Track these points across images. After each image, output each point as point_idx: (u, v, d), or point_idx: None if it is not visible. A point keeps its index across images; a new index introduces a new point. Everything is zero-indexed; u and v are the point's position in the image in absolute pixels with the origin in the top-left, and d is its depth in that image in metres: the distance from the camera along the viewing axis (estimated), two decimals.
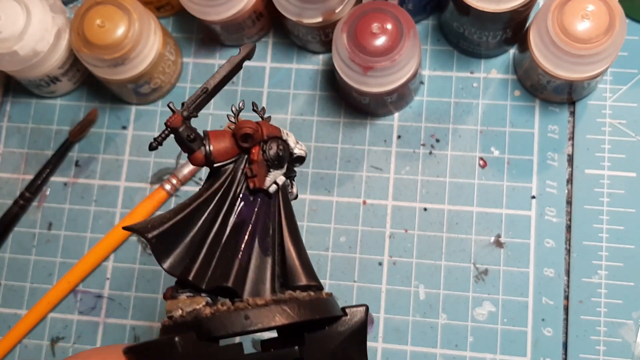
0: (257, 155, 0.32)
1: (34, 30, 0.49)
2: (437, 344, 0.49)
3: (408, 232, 0.51)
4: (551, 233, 0.50)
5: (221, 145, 0.32)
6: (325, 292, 0.32)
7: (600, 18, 0.44)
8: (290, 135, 0.33)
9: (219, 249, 0.31)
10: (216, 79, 0.32)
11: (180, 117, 0.31)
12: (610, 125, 0.51)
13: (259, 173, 0.32)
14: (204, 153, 0.31)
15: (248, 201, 0.32)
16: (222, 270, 0.31)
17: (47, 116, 0.57)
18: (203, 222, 0.31)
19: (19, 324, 0.52)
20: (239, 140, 0.32)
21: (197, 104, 0.32)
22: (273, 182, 0.32)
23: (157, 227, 0.30)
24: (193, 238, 0.31)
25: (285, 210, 0.33)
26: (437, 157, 0.52)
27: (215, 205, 0.31)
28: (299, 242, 0.33)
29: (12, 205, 0.54)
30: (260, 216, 0.32)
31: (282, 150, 0.32)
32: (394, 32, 0.45)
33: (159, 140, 0.31)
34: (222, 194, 0.32)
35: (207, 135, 0.32)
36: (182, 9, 0.52)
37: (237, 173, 0.32)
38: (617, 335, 0.48)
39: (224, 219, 0.31)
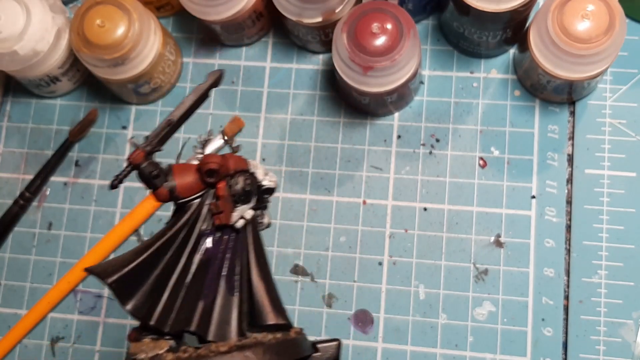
0: (222, 191, 0.31)
1: (34, 30, 0.49)
2: (437, 344, 0.49)
3: (408, 232, 0.51)
4: (551, 233, 0.50)
5: (186, 181, 0.31)
6: (294, 330, 0.31)
7: (600, 18, 0.44)
8: (258, 167, 0.32)
9: (182, 290, 0.30)
10: (181, 110, 0.31)
11: (143, 153, 0.30)
12: (610, 125, 0.51)
13: (225, 209, 0.30)
14: (167, 189, 0.30)
15: (214, 238, 0.31)
16: (185, 313, 0.30)
17: (47, 116, 0.57)
18: (167, 262, 0.30)
19: (19, 324, 0.52)
20: (204, 175, 0.31)
21: (161, 137, 0.31)
22: (240, 217, 0.31)
23: (118, 270, 0.29)
24: (156, 279, 0.30)
25: (255, 244, 0.32)
26: (437, 157, 0.52)
27: (180, 243, 0.30)
28: (267, 277, 0.32)
29: (12, 205, 0.54)
30: (227, 253, 0.31)
31: (249, 184, 0.31)
32: (394, 32, 0.46)
33: (120, 179, 0.30)
34: (187, 232, 0.30)
35: (171, 170, 0.31)
36: (182, 8, 0.52)
37: (202, 208, 0.31)
38: (617, 335, 0.48)
39: (189, 257, 0.30)
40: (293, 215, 0.52)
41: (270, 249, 0.52)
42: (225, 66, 0.56)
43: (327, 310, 0.51)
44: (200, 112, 0.55)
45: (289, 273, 0.52)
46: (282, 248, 0.52)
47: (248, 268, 0.31)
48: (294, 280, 0.52)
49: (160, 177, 0.30)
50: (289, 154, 0.54)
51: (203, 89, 0.32)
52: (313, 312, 0.51)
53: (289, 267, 0.52)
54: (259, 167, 0.32)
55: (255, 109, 0.55)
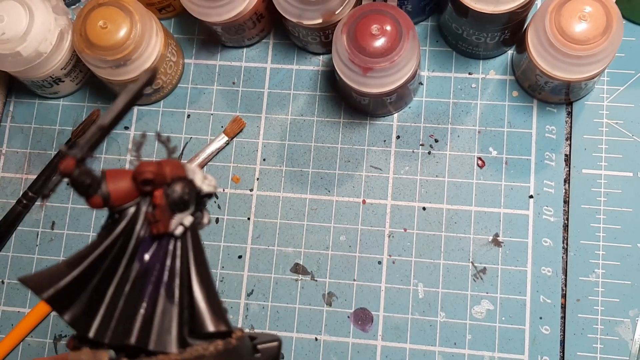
0: (159, 200, 0.29)
1: (36, 32, 0.50)
2: (436, 342, 0.50)
3: (407, 232, 0.52)
4: (549, 232, 0.50)
5: (120, 188, 0.29)
6: (235, 335, 0.30)
7: (597, 19, 0.45)
8: (196, 172, 0.30)
9: (121, 299, 0.29)
10: (113, 112, 0.29)
11: (73, 161, 0.28)
12: (608, 125, 0.52)
13: (163, 218, 0.29)
14: (101, 197, 0.29)
15: (152, 245, 0.29)
16: (124, 324, 0.29)
17: (50, 116, 0.57)
18: (104, 271, 0.29)
19: (22, 323, 0.53)
20: (139, 184, 0.29)
21: (92, 143, 0.29)
22: (179, 223, 0.30)
23: (53, 283, 0.28)
24: (94, 289, 0.29)
25: (194, 250, 0.30)
26: (436, 157, 0.53)
27: (117, 251, 0.29)
28: (208, 282, 0.31)
29: (16, 205, 0.55)
30: (166, 260, 0.30)
31: (187, 193, 0.29)
32: (393, 33, 0.46)
33: (51, 188, 0.29)
34: (124, 239, 0.29)
35: (104, 176, 0.29)
36: (183, 10, 0.53)
37: (139, 215, 0.29)
38: (614, 334, 0.48)
39: (127, 266, 0.29)
40: (293, 215, 0.53)
41: (270, 248, 0.53)
42: (226, 67, 0.56)
43: (327, 308, 0.51)
44: (201, 113, 0.56)
45: (289, 272, 0.52)
46: (283, 247, 0.52)
47: (188, 274, 0.30)
48: (294, 279, 0.52)
49: (93, 186, 0.28)
50: (289, 154, 0.54)
51: (135, 89, 0.30)
52: (313, 310, 0.51)
53: (289, 266, 0.52)
54: (197, 171, 0.30)
55: (256, 110, 0.55)
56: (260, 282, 0.52)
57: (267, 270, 0.52)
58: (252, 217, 0.53)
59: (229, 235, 0.53)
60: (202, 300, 0.30)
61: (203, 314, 0.30)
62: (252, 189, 0.54)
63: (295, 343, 0.51)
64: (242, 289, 0.52)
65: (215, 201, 0.54)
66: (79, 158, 0.28)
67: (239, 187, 0.54)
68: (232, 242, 0.53)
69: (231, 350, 0.30)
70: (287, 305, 0.52)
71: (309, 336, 0.51)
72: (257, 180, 0.54)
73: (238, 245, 0.53)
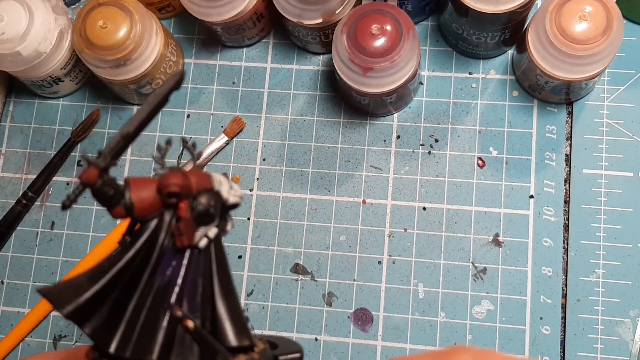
0: (185, 212, 0.28)
1: (36, 32, 0.50)
2: (436, 342, 0.50)
3: (407, 231, 0.52)
4: (549, 232, 0.50)
5: (144, 199, 0.27)
6: (257, 350, 0.30)
7: (597, 19, 0.45)
8: (223, 183, 0.29)
9: (142, 314, 0.28)
10: (138, 119, 0.28)
11: (97, 171, 0.26)
12: (608, 125, 0.52)
13: (187, 231, 0.28)
14: (124, 208, 0.27)
15: (175, 258, 0.29)
16: (145, 340, 0.28)
17: (50, 116, 0.57)
18: (125, 285, 0.28)
19: (22, 323, 0.53)
20: (164, 197, 0.28)
21: (116, 151, 0.28)
22: (203, 236, 0.29)
23: (74, 298, 0.27)
24: (115, 303, 0.28)
25: (217, 261, 0.30)
26: (436, 157, 0.53)
27: (139, 264, 0.28)
28: (230, 294, 0.30)
29: (15, 205, 0.55)
30: (189, 273, 0.29)
31: (213, 206, 0.28)
32: (394, 33, 0.46)
33: (72, 199, 0.27)
34: (146, 252, 0.28)
35: (128, 186, 0.28)
36: (183, 10, 0.53)
37: (162, 226, 0.28)
38: (614, 334, 0.48)
39: (149, 279, 0.28)
40: (293, 215, 0.53)
41: (270, 248, 0.53)
42: (226, 67, 0.56)
43: (327, 308, 0.51)
44: (201, 113, 0.55)
45: (289, 272, 0.52)
46: (283, 247, 0.52)
47: (211, 286, 0.29)
48: (294, 279, 0.52)
49: (116, 196, 0.27)
50: (289, 154, 0.54)
51: (162, 93, 0.29)
52: (313, 310, 0.51)
53: (289, 266, 0.52)
54: (223, 182, 0.29)
55: (256, 109, 0.55)
56: (260, 282, 0.52)
57: (267, 271, 0.52)
58: (252, 217, 0.53)
59: (229, 235, 0.53)
60: (224, 314, 0.29)
61: (225, 327, 0.29)
62: (252, 188, 0.54)
63: None
64: (242, 289, 0.52)
65: None
66: (102, 167, 0.27)
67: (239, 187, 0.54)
68: (232, 242, 0.53)
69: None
70: (287, 306, 0.52)
71: (309, 336, 0.51)
72: (257, 180, 0.54)
73: (238, 245, 0.53)
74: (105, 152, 0.27)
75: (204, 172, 0.29)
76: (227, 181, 0.29)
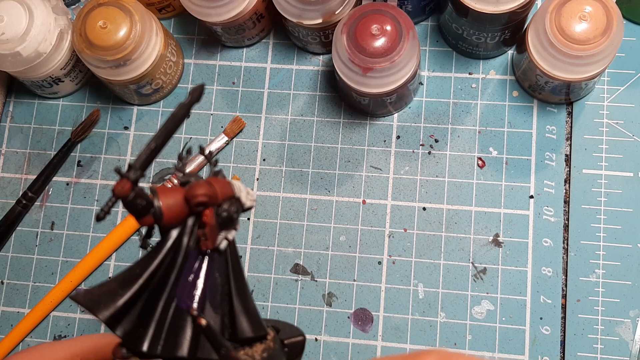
0: (210, 219, 0.29)
1: (36, 32, 0.50)
2: (436, 342, 0.50)
3: (407, 232, 0.52)
4: (549, 232, 0.50)
5: (173, 208, 0.29)
6: (270, 337, 0.32)
7: (597, 19, 0.45)
8: (242, 190, 0.31)
9: (169, 315, 0.30)
10: (163, 133, 0.30)
11: (130, 184, 0.28)
12: (608, 125, 0.52)
13: (212, 236, 0.30)
14: (154, 217, 0.29)
15: (198, 259, 0.30)
16: (174, 338, 0.30)
17: (50, 117, 0.57)
18: (154, 287, 0.30)
19: (22, 323, 0.53)
20: (192, 207, 0.29)
21: (143, 162, 0.29)
22: (224, 238, 0.30)
23: (110, 304, 0.29)
24: (144, 304, 0.29)
25: (233, 260, 0.31)
26: (436, 157, 0.53)
27: (166, 268, 0.30)
28: (244, 290, 0.32)
29: (15, 205, 0.55)
30: (210, 273, 0.30)
31: (235, 212, 0.30)
32: (393, 33, 0.46)
33: (106, 210, 0.28)
34: (173, 255, 0.30)
35: (157, 195, 0.29)
36: (183, 10, 0.53)
37: (185, 231, 0.30)
38: (614, 334, 0.48)
39: (175, 281, 0.30)
40: (293, 215, 0.53)
41: (270, 249, 0.53)
42: (226, 67, 0.56)
43: (327, 309, 0.51)
44: (202, 113, 0.56)
45: (289, 272, 0.52)
46: (283, 247, 0.52)
47: (228, 284, 0.31)
48: (294, 279, 0.52)
49: (147, 207, 0.29)
50: (289, 154, 0.54)
51: (185, 106, 0.30)
52: (313, 310, 0.51)
53: (289, 266, 0.52)
54: (242, 188, 0.31)
55: (256, 110, 0.55)
56: (260, 282, 0.52)
57: (267, 271, 0.52)
58: (252, 217, 0.53)
59: None
60: (239, 308, 0.31)
61: (242, 321, 0.31)
62: (252, 189, 0.54)
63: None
64: None
65: None
66: (134, 179, 0.28)
67: None
68: None
69: (271, 352, 0.31)
70: (287, 306, 0.52)
71: (309, 336, 0.51)
72: (257, 181, 0.54)
73: (238, 246, 0.52)
74: (136, 165, 0.28)
75: (225, 180, 0.30)
76: (244, 187, 0.31)
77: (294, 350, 0.33)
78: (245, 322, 0.31)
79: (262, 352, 0.31)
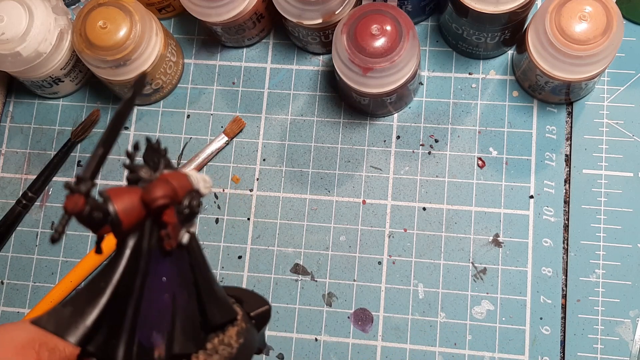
0: (171, 218, 0.27)
1: (36, 32, 0.50)
2: (436, 343, 0.50)
3: (407, 232, 0.52)
4: (549, 232, 0.50)
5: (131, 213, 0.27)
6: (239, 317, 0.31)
7: (597, 19, 0.45)
8: (199, 180, 0.29)
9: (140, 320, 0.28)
10: (109, 135, 0.28)
11: (83, 199, 0.25)
12: (608, 125, 0.52)
13: (175, 234, 0.28)
14: (112, 227, 0.27)
15: (161, 258, 0.29)
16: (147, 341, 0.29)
17: (50, 117, 0.57)
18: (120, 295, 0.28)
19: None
20: (152, 211, 0.27)
21: (93, 170, 0.26)
22: (186, 232, 0.29)
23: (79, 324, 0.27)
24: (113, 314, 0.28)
25: (194, 248, 0.30)
26: (436, 157, 0.53)
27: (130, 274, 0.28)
28: (208, 276, 0.31)
29: (15, 205, 0.55)
30: (175, 268, 0.29)
31: (197, 206, 0.28)
32: (393, 33, 0.46)
33: (60, 231, 0.26)
34: (135, 261, 0.28)
35: (111, 201, 0.26)
36: (183, 10, 0.53)
37: (144, 232, 0.28)
38: (614, 334, 0.48)
39: (141, 286, 0.28)
40: (293, 215, 0.53)
41: (270, 249, 0.53)
42: (226, 67, 0.56)
43: (327, 309, 0.51)
44: (201, 113, 0.56)
45: (289, 272, 0.52)
46: (283, 247, 0.52)
47: (193, 275, 0.30)
48: (294, 279, 0.52)
49: (104, 218, 0.26)
50: (289, 154, 0.54)
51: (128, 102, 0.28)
52: (313, 310, 0.51)
53: (289, 267, 0.52)
54: (198, 178, 0.29)
55: (256, 110, 0.55)
56: (260, 282, 0.52)
57: (267, 271, 0.52)
58: (252, 218, 0.53)
59: (229, 236, 0.53)
60: (207, 296, 0.31)
61: (211, 307, 0.31)
62: (252, 189, 0.54)
63: (295, 343, 0.51)
64: None
65: (215, 201, 0.54)
66: (86, 191, 0.26)
67: (238, 187, 0.54)
68: (232, 242, 0.53)
69: (245, 333, 0.31)
70: (287, 306, 0.52)
71: (309, 336, 0.51)
72: (257, 181, 0.54)
73: (238, 246, 0.53)
74: (86, 176, 0.26)
75: (181, 173, 0.28)
76: (198, 175, 0.29)
77: (261, 320, 0.34)
78: (215, 308, 0.31)
79: (236, 336, 0.30)
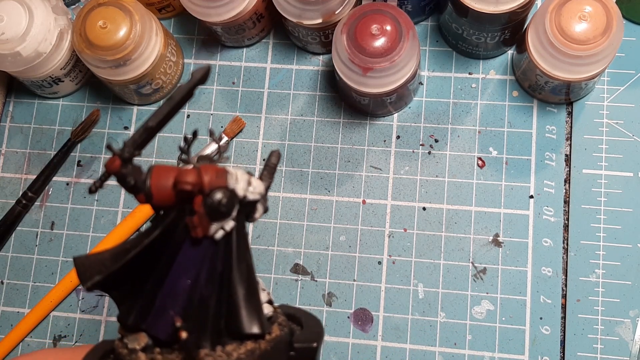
0: (198, 207, 0.28)
1: (36, 32, 0.50)
2: (436, 342, 0.50)
3: (407, 232, 0.52)
4: (549, 232, 0.50)
5: (163, 189, 0.29)
6: (269, 337, 0.30)
7: (597, 19, 0.45)
8: (240, 180, 0.29)
9: (158, 295, 0.29)
10: (161, 113, 0.29)
11: (119, 162, 0.28)
12: (608, 125, 0.52)
13: (201, 225, 0.29)
14: (145, 197, 0.29)
15: (192, 245, 0.29)
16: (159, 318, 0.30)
17: (50, 116, 0.57)
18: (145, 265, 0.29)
19: (22, 323, 0.53)
20: (176, 194, 0.29)
21: (139, 143, 0.29)
22: (219, 228, 0.29)
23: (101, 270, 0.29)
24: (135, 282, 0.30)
25: (239, 250, 0.30)
26: (436, 157, 0.53)
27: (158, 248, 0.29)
28: (250, 282, 0.30)
29: (15, 205, 0.55)
30: (205, 261, 0.30)
31: (224, 205, 0.28)
32: (393, 33, 0.46)
33: (98, 185, 0.29)
34: (166, 238, 0.29)
35: (150, 174, 0.29)
36: (183, 10, 0.53)
37: (183, 215, 0.29)
38: (614, 334, 0.48)
39: (167, 263, 0.29)
40: (293, 215, 0.53)
41: (270, 249, 0.53)
42: (226, 67, 0.56)
43: (327, 309, 0.51)
44: (202, 113, 0.56)
45: (289, 272, 0.52)
46: (283, 247, 0.52)
47: (230, 274, 0.30)
48: (294, 279, 0.52)
49: (137, 186, 0.29)
50: (289, 154, 0.54)
51: (188, 87, 0.29)
52: (313, 310, 0.51)
53: (289, 266, 0.52)
54: (241, 179, 0.29)
55: (256, 110, 0.55)
56: None
57: (267, 270, 0.52)
58: None
59: None
60: (240, 300, 0.30)
61: (239, 313, 0.30)
62: None
63: None
64: None
65: None
66: (125, 158, 0.28)
67: None
68: None
69: (259, 354, 0.29)
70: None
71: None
72: None
73: None
74: (128, 143, 0.29)
75: (221, 169, 0.29)
76: (246, 177, 0.30)
77: (303, 356, 0.31)
78: (242, 316, 0.30)
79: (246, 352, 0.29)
